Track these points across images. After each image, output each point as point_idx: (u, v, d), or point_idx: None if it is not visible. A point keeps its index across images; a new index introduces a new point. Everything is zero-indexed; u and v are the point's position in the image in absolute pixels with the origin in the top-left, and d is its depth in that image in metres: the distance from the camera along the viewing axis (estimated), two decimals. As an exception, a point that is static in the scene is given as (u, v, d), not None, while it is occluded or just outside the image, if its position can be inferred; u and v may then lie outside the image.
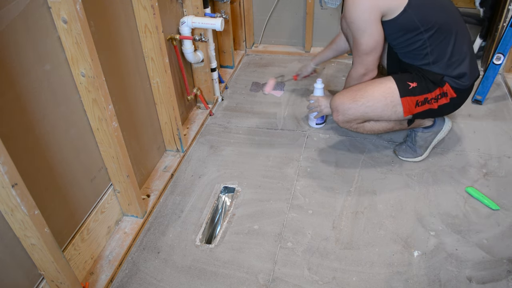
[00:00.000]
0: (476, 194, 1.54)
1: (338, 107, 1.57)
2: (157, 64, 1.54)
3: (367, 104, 1.52)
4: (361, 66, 1.55)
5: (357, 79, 1.59)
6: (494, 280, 1.26)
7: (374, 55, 1.50)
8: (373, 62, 1.52)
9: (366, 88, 1.53)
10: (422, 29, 1.42)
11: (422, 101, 1.50)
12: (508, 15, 2.05)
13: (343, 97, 1.56)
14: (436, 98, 1.51)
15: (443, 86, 1.49)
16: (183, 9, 1.81)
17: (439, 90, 1.50)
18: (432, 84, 1.49)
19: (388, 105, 1.51)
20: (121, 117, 1.39)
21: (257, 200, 1.59)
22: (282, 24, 2.60)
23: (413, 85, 1.49)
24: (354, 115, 1.55)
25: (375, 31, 1.44)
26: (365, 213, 1.51)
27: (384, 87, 1.52)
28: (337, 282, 1.29)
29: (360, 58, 1.53)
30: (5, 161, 0.84)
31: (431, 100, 1.51)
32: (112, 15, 1.31)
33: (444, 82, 1.49)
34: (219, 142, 1.90)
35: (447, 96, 1.51)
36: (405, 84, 1.49)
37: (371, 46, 1.46)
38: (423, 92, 1.49)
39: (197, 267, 1.35)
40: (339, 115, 1.58)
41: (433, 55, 1.47)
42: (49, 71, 1.07)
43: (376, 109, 1.52)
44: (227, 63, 2.44)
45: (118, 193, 1.42)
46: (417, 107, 1.52)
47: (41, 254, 1.02)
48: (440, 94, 1.50)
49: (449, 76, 1.48)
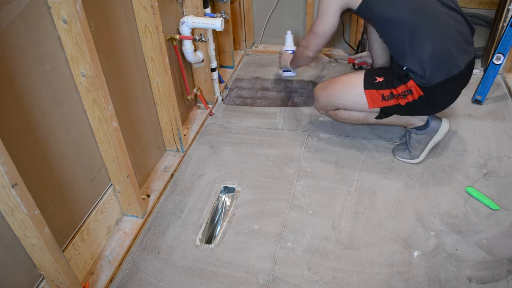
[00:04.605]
0: (476, 194, 1.54)
1: (315, 94, 1.76)
2: (157, 64, 1.54)
3: (333, 93, 1.68)
4: (306, 39, 1.72)
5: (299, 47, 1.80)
6: (494, 280, 1.26)
7: (320, 39, 1.65)
8: (316, 43, 1.68)
9: (337, 79, 1.68)
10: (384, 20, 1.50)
11: (388, 95, 1.54)
12: (508, 15, 2.05)
13: (320, 86, 1.75)
14: (403, 95, 1.51)
15: (407, 83, 1.48)
16: (183, 9, 1.81)
17: (404, 87, 1.49)
18: (397, 80, 1.51)
19: (352, 95, 1.62)
20: (121, 117, 1.39)
21: (257, 200, 1.59)
22: (282, 24, 2.60)
23: (380, 79, 1.56)
24: (324, 102, 1.71)
25: (329, 20, 1.58)
26: (365, 213, 1.51)
27: (351, 78, 1.64)
28: (337, 282, 1.29)
29: (310, 35, 1.68)
30: (5, 161, 0.84)
31: (397, 96, 1.52)
32: (112, 15, 1.31)
33: (409, 79, 1.47)
34: (219, 142, 1.90)
35: (413, 94, 1.48)
36: (372, 78, 1.58)
37: (320, 30, 1.62)
38: (387, 86, 1.54)
39: (197, 267, 1.35)
40: (316, 102, 1.77)
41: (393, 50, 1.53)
42: (49, 71, 1.07)
43: (340, 98, 1.66)
44: (227, 63, 2.44)
45: (118, 193, 1.42)
46: (384, 101, 1.56)
47: (41, 254, 1.02)
48: (406, 91, 1.50)
49: (413, 72, 1.45)
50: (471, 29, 1.52)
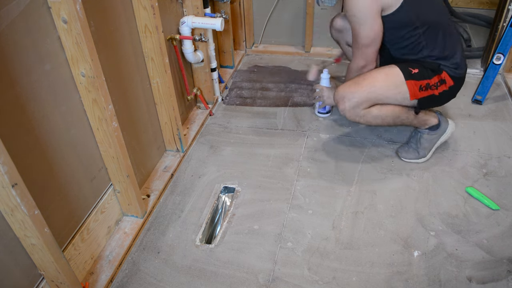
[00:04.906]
0: (476, 194, 1.54)
1: (344, 94, 1.57)
2: (157, 64, 1.54)
3: (370, 86, 1.55)
4: (361, 59, 1.61)
5: (356, 71, 1.65)
6: (494, 280, 1.26)
7: (374, 47, 1.57)
8: (372, 54, 1.59)
9: (369, 74, 1.59)
10: (417, 24, 1.51)
11: (425, 86, 1.57)
12: (508, 15, 2.05)
13: (346, 86, 1.59)
14: (436, 85, 1.58)
15: (441, 74, 1.57)
16: (183, 9, 1.81)
17: (438, 77, 1.57)
18: (431, 71, 1.56)
19: (392, 87, 1.56)
20: (121, 117, 1.39)
21: (257, 200, 1.59)
22: (282, 24, 2.60)
23: (415, 70, 1.55)
24: (359, 98, 1.55)
25: (375, 23, 1.51)
26: (365, 213, 1.51)
27: (387, 71, 1.58)
28: (337, 282, 1.29)
29: (360, 51, 1.59)
30: (5, 161, 0.84)
31: (432, 86, 1.58)
32: (112, 15, 1.31)
33: (442, 70, 1.57)
34: (219, 142, 1.90)
35: (446, 83, 1.58)
36: (407, 69, 1.55)
37: (371, 37, 1.53)
38: (424, 77, 1.56)
39: (197, 267, 1.35)
40: (345, 102, 1.57)
41: (428, 49, 1.55)
42: (49, 71, 1.07)
43: (380, 89, 1.55)
44: (227, 63, 2.44)
45: (118, 193, 1.42)
46: (421, 92, 1.57)
47: (41, 254, 1.02)
48: (439, 81, 1.58)
49: (445, 65, 1.57)
50: None
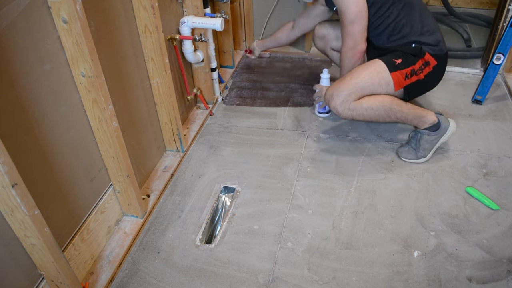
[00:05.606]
0: (476, 194, 1.54)
1: (331, 92, 1.66)
2: (157, 64, 1.54)
3: (355, 78, 1.63)
4: (349, 39, 1.66)
5: (347, 52, 1.70)
6: (494, 280, 1.26)
7: (359, 24, 1.62)
8: (359, 32, 1.64)
9: (354, 69, 1.67)
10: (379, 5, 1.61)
11: (410, 73, 1.64)
12: (508, 15, 2.05)
13: (334, 84, 1.69)
14: (421, 69, 1.65)
15: (424, 56, 1.64)
16: (183, 9, 1.81)
17: (422, 60, 1.65)
18: (414, 57, 1.64)
19: (375, 75, 1.63)
20: (121, 117, 1.39)
21: (257, 200, 1.59)
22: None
23: (399, 61, 1.63)
24: (346, 90, 1.63)
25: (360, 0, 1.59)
26: (365, 213, 1.51)
27: (370, 63, 1.66)
28: (337, 282, 1.29)
29: (347, 29, 1.65)
30: (5, 161, 0.84)
31: (417, 71, 1.66)
32: (112, 15, 1.31)
33: (424, 52, 1.64)
34: (219, 142, 1.90)
35: (430, 64, 1.67)
36: (391, 61, 1.63)
37: (356, 13, 1.60)
38: (408, 64, 1.64)
39: (197, 267, 1.35)
40: (334, 98, 1.64)
41: (408, 26, 1.63)
42: (49, 71, 1.07)
43: (364, 78, 1.62)
44: (227, 63, 2.44)
45: (118, 193, 1.42)
46: (407, 80, 1.65)
47: (41, 254, 1.02)
48: (423, 64, 1.65)
49: (427, 44, 1.64)
50: None
